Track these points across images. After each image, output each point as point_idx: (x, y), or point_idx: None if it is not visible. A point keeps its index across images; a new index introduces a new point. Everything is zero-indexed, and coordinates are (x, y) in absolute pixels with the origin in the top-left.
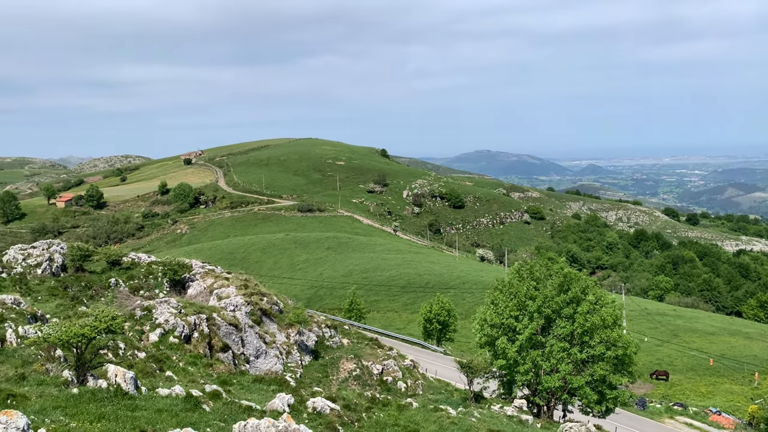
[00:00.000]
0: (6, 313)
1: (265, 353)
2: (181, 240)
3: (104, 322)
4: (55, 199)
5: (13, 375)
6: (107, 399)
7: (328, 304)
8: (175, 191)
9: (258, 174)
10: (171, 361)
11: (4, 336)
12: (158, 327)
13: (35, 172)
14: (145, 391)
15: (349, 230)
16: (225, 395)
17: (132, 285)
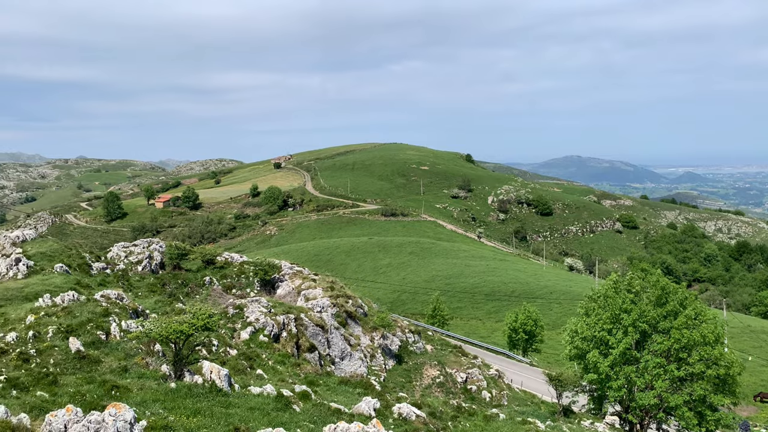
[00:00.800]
0: (111, 307)
1: (350, 355)
2: (270, 241)
3: (201, 320)
4: (154, 199)
5: (117, 367)
6: (202, 395)
7: (410, 308)
8: (265, 194)
9: (343, 178)
10: (261, 359)
11: (108, 329)
12: (249, 325)
13: (136, 174)
14: (238, 389)
15: (432, 235)
16: (314, 396)
17: (225, 284)
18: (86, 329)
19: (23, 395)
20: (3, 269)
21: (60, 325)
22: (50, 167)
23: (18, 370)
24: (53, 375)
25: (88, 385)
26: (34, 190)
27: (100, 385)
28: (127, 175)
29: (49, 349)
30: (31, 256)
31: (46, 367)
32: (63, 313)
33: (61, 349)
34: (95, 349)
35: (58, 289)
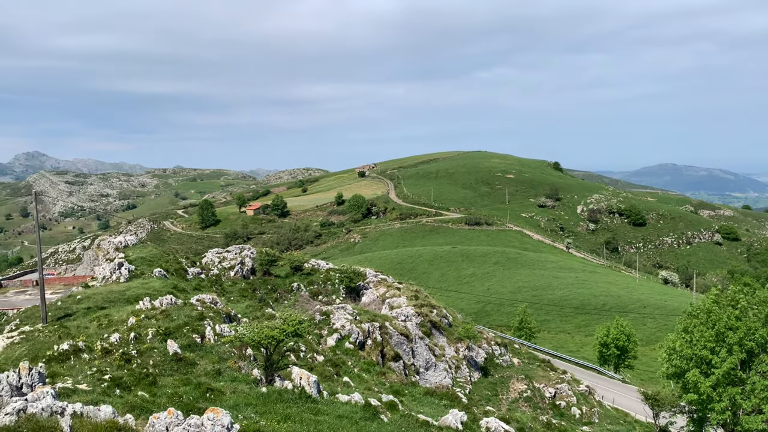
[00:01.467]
0: (205, 311)
1: (434, 366)
2: (354, 249)
3: (292, 326)
4: (245, 207)
5: (211, 370)
6: (292, 400)
7: (495, 320)
8: (350, 202)
9: (427, 186)
10: (347, 366)
11: (203, 333)
12: (335, 332)
13: (229, 183)
14: (326, 396)
15: (518, 245)
16: (401, 407)
17: (312, 290)
18: (183, 332)
19: (126, 395)
20: (107, 273)
21: (159, 327)
22: (150, 176)
23: (121, 370)
24: (153, 376)
25: (184, 387)
26: (134, 198)
27: (195, 387)
28: (220, 184)
29: (149, 351)
30: (133, 260)
31: (146, 367)
32: (162, 316)
33: (160, 350)
34: (191, 351)
35: (157, 292)
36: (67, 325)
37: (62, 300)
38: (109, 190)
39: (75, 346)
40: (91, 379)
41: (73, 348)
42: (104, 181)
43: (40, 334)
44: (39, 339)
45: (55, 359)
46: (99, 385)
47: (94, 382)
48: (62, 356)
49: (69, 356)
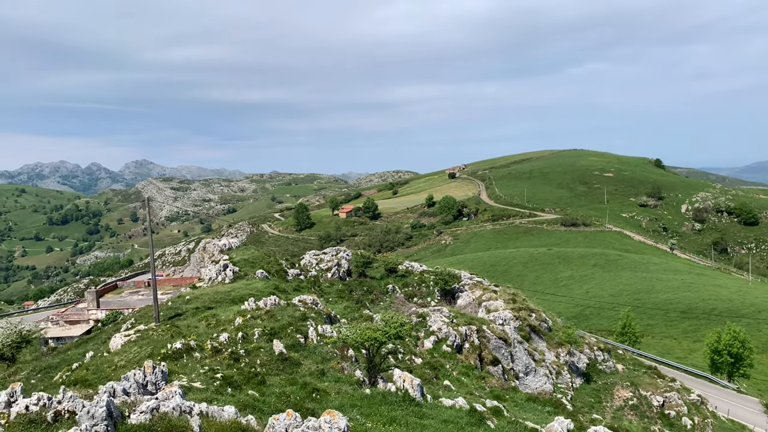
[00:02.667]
0: (307, 312)
1: (534, 371)
2: (446, 250)
3: (394, 328)
4: (338, 210)
5: (315, 370)
6: (396, 403)
7: (594, 324)
8: (440, 204)
9: (519, 187)
10: (445, 369)
11: (306, 333)
12: (432, 334)
13: (322, 187)
14: (430, 399)
15: (618, 247)
16: (506, 413)
17: (407, 292)
18: (287, 332)
19: (237, 393)
20: (213, 274)
21: (264, 327)
22: (248, 181)
23: (230, 368)
24: (261, 375)
25: (291, 387)
26: (234, 202)
27: (301, 387)
28: (313, 188)
29: (255, 350)
30: (236, 262)
31: (254, 366)
32: (266, 317)
33: (266, 350)
34: (295, 351)
35: (260, 293)
36: (177, 324)
37: (172, 300)
38: (211, 195)
39: (187, 345)
40: (204, 377)
41: (186, 347)
42: (206, 187)
43: (153, 333)
44: (153, 337)
45: (169, 357)
46: (212, 383)
47: (207, 381)
48: (176, 354)
49: (182, 354)
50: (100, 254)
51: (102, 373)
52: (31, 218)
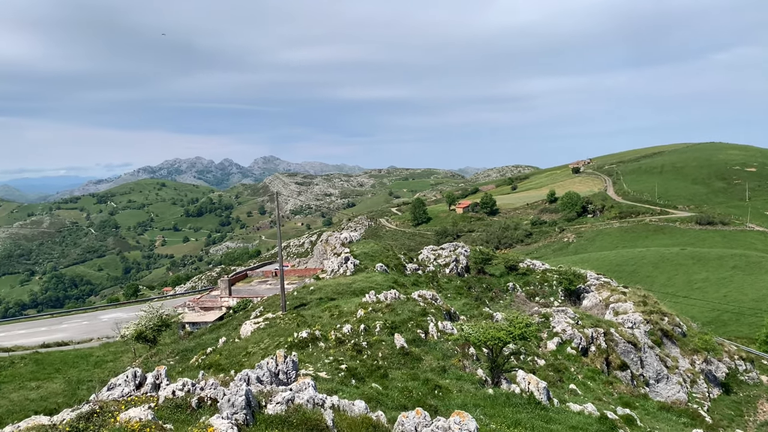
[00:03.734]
0: (427, 307)
1: (666, 378)
2: (568, 249)
3: (519, 328)
4: (454, 205)
5: (436, 366)
6: (521, 405)
7: (733, 331)
8: (563, 200)
9: (650, 182)
10: (569, 372)
11: (427, 328)
12: (555, 336)
13: (438, 182)
14: (556, 403)
15: (761, 248)
16: (639, 422)
17: (528, 291)
18: (407, 327)
19: (361, 385)
20: (335, 266)
21: (386, 321)
22: (367, 176)
23: (353, 360)
24: (384, 368)
25: (412, 382)
26: (354, 196)
27: (423, 383)
28: (430, 183)
29: (377, 343)
30: (357, 255)
31: (376, 359)
32: (387, 310)
33: (387, 343)
34: (416, 346)
35: (379, 286)
36: (303, 314)
37: (297, 290)
38: (332, 190)
39: (312, 335)
40: (329, 367)
41: (311, 336)
42: (328, 182)
43: (281, 321)
44: (280, 326)
45: (295, 346)
46: (336, 374)
47: (332, 371)
48: (302, 343)
49: (307, 344)
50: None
51: (234, 359)
52: (170, 210)
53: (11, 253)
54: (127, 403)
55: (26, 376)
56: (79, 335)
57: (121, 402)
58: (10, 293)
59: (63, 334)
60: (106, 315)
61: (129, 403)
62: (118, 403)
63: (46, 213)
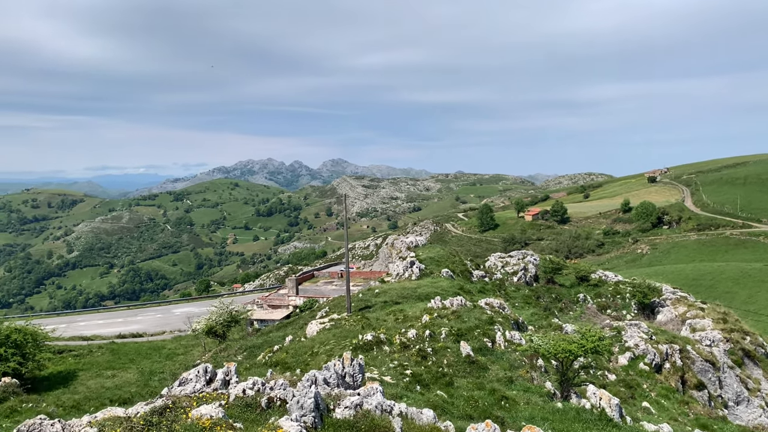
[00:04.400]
0: (494, 315)
1: (746, 401)
2: (641, 260)
3: (591, 342)
4: (523, 212)
5: (503, 377)
6: (591, 421)
7: None
8: (637, 210)
9: (731, 194)
10: (642, 389)
11: (494, 337)
12: (627, 350)
13: (507, 188)
14: (629, 422)
15: None
16: None
17: (599, 303)
18: (473, 335)
19: (426, 392)
20: (400, 270)
21: (451, 327)
22: (433, 181)
23: (418, 366)
24: (449, 376)
25: (478, 391)
26: (419, 201)
27: (489, 393)
28: (498, 189)
29: (442, 350)
30: (422, 260)
31: (441, 366)
32: (453, 317)
33: (453, 351)
34: (482, 355)
35: (445, 292)
36: (367, 316)
37: (363, 293)
38: (398, 193)
39: (377, 338)
40: (393, 372)
41: (376, 339)
42: (394, 185)
43: (346, 323)
44: (345, 327)
45: (360, 348)
46: (401, 379)
47: (396, 376)
48: (366, 346)
49: (372, 347)
50: (298, 245)
51: (299, 358)
52: (242, 209)
53: (93, 246)
54: (199, 399)
55: (103, 365)
56: (152, 328)
57: (193, 398)
58: (91, 284)
59: (138, 326)
60: (179, 309)
61: (200, 399)
62: (190, 399)
63: (126, 209)
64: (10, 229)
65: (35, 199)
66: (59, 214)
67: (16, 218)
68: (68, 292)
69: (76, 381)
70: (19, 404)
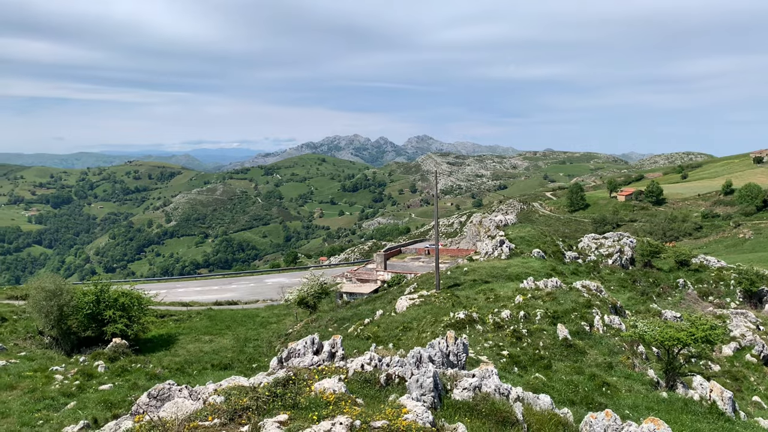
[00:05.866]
0: (592, 299)
1: None
2: (743, 246)
3: (702, 330)
4: (616, 192)
5: (602, 362)
6: (701, 414)
7: None
8: (741, 192)
9: None
10: (749, 382)
11: (592, 321)
12: (733, 341)
13: (598, 167)
14: (743, 417)
15: None
16: None
17: (700, 289)
18: (570, 318)
19: (524, 374)
20: (489, 249)
21: (546, 309)
22: (520, 159)
23: (513, 347)
24: (547, 359)
25: (577, 376)
26: (505, 179)
27: (589, 378)
28: (589, 167)
29: (538, 332)
30: (512, 239)
31: (537, 349)
32: (548, 298)
33: (549, 333)
34: (579, 339)
35: (536, 273)
36: (457, 294)
37: (451, 270)
38: (484, 171)
39: (470, 317)
40: (489, 352)
41: (468, 318)
42: (479, 163)
43: (435, 300)
44: (435, 304)
45: (452, 326)
46: (498, 360)
47: (493, 356)
48: (459, 324)
49: (465, 325)
50: (382, 220)
51: (391, 332)
52: (328, 185)
53: (189, 217)
54: (319, 372)
55: (201, 330)
56: (246, 296)
57: (313, 371)
58: (187, 253)
59: (232, 294)
60: (270, 279)
61: (321, 372)
62: (310, 371)
63: (220, 182)
64: (114, 199)
65: (137, 170)
66: (158, 186)
67: (119, 188)
68: (166, 260)
69: (177, 344)
70: (128, 364)
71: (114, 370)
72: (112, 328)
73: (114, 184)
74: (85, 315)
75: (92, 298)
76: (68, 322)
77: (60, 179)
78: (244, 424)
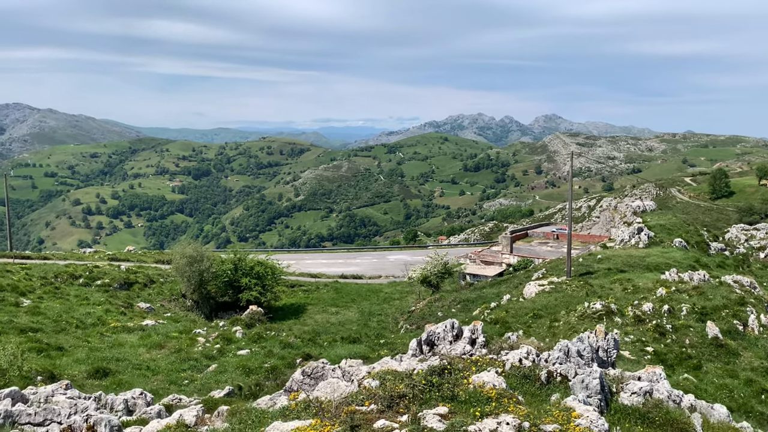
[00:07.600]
0: (746, 296)
1: None
2: None
3: None
4: (766, 180)
5: (758, 366)
6: None
7: None
8: None
9: None
10: None
11: (746, 320)
12: None
13: (746, 151)
14: None
15: None
16: None
17: None
18: (720, 315)
19: (671, 374)
20: (625, 236)
21: (694, 304)
22: (657, 141)
23: (657, 343)
24: (696, 359)
25: (731, 380)
26: (640, 162)
27: (745, 383)
28: (735, 152)
29: (683, 328)
30: (651, 226)
31: (683, 347)
32: (695, 293)
33: (696, 331)
34: (731, 339)
35: (678, 264)
36: (590, 282)
37: (583, 257)
38: (616, 153)
39: (607, 308)
40: (632, 347)
41: (606, 309)
42: (612, 144)
43: (567, 287)
44: (567, 292)
45: (587, 317)
46: (642, 356)
47: (636, 352)
48: (594, 315)
49: (602, 317)
50: (503, 201)
51: (520, 319)
52: (449, 164)
53: (316, 192)
54: (474, 363)
55: (327, 302)
56: (369, 271)
57: (467, 361)
58: (313, 226)
59: (356, 268)
60: (392, 256)
61: (476, 363)
62: (464, 361)
63: (345, 159)
64: (249, 173)
65: (269, 146)
66: (289, 161)
67: (253, 163)
68: (294, 232)
69: (305, 314)
70: (264, 331)
71: (251, 337)
72: (247, 295)
73: (249, 159)
74: (223, 281)
75: (230, 266)
76: (207, 287)
77: (201, 153)
78: (402, 413)
